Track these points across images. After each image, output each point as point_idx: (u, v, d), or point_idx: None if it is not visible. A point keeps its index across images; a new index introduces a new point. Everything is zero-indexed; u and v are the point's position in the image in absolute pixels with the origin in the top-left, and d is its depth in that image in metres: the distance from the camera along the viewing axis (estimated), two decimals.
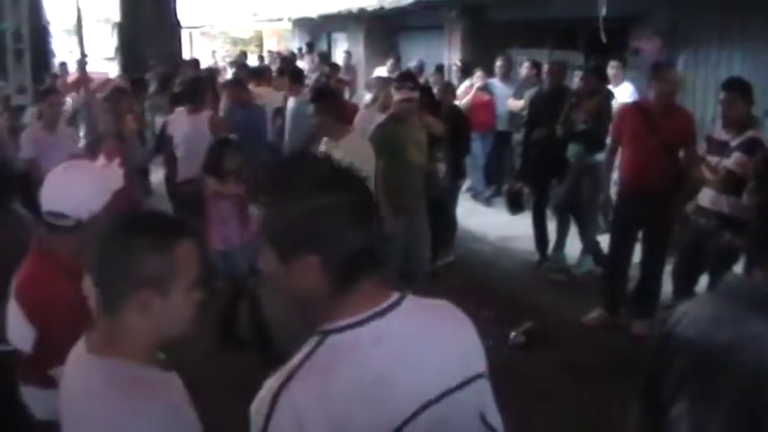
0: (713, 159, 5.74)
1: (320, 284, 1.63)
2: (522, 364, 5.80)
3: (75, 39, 12.93)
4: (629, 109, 6.71)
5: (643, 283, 6.54)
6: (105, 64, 19.21)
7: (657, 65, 6.71)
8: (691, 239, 6.07)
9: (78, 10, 9.21)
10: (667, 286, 6.35)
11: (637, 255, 6.64)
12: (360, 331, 1.64)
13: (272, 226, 1.65)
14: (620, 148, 6.51)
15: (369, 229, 1.67)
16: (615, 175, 6.88)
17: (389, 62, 13.85)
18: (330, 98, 6.35)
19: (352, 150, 5.70)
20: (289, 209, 1.62)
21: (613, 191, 6.88)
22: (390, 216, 5.94)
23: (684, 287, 6.01)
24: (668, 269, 6.43)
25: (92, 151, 6.29)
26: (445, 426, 1.67)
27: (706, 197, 5.79)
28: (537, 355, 6.00)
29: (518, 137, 9.87)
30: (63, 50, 19.10)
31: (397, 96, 6.50)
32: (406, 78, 6.94)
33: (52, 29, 15.66)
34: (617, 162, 6.71)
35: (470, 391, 1.73)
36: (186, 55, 19.26)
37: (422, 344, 1.69)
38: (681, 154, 6.22)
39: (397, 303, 1.70)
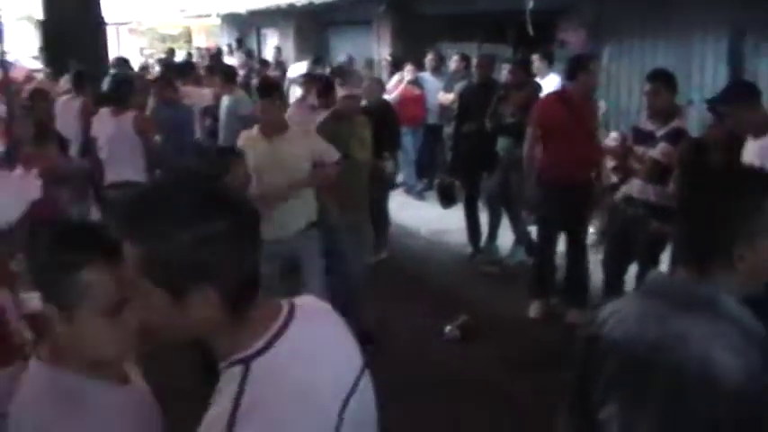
0: (639, 149, 5.82)
1: (219, 314, 1.52)
2: (457, 359, 5.83)
3: None
4: (550, 100, 6.68)
5: (572, 272, 6.63)
6: (30, 63, 18.75)
7: (582, 57, 6.78)
8: (619, 228, 6.16)
9: None
10: (597, 274, 6.45)
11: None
12: (277, 350, 1.58)
13: (157, 262, 1.48)
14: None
15: (257, 246, 1.60)
16: None
17: (308, 60, 13.90)
18: (279, 91, 6.15)
19: (311, 139, 5.62)
20: (175, 240, 1.46)
21: None
22: (335, 209, 5.89)
23: (615, 275, 6.11)
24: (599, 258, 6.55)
25: (10, 159, 6.05)
26: (361, 413, 1.70)
27: (634, 187, 5.88)
28: (473, 349, 6.02)
29: (449, 130, 9.92)
30: None
31: (341, 93, 6.42)
32: (337, 74, 6.84)
33: None
34: None
35: (365, 379, 1.76)
36: (114, 52, 18.90)
37: (326, 345, 1.70)
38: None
39: (291, 313, 1.66)
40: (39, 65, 16.12)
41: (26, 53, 20.51)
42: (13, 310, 2.69)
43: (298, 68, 13.79)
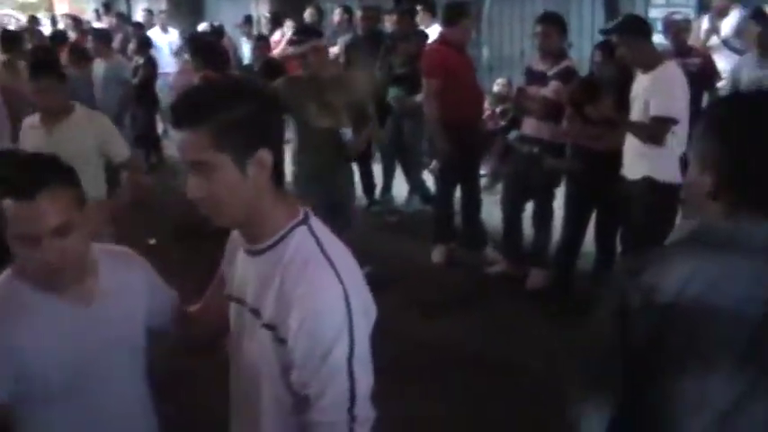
0: (532, 89, 5.97)
1: (269, 183, 1.79)
2: None
3: None
4: (439, 48, 6.56)
5: (472, 215, 6.79)
6: None
7: (461, 3, 6.80)
8: (515, 168, 6.33)
9: None
10: (495, 214, 6.64)
11: None
12: (314, 222, 1.87)
13: (227, 130, 1.71)
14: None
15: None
16: None
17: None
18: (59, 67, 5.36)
19: (98, 127, 4.91)
20: (241, 109, 1.73)
21: None
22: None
23: (513, 213, 6.28)
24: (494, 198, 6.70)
25: None
26: None
27: (527, 126, 6.03)
28: (381, 298, 6.01)
29: None
30: None
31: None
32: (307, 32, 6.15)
33: None
34: None
35: None
36: None
37: None
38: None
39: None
40: None
41: None
42: None
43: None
